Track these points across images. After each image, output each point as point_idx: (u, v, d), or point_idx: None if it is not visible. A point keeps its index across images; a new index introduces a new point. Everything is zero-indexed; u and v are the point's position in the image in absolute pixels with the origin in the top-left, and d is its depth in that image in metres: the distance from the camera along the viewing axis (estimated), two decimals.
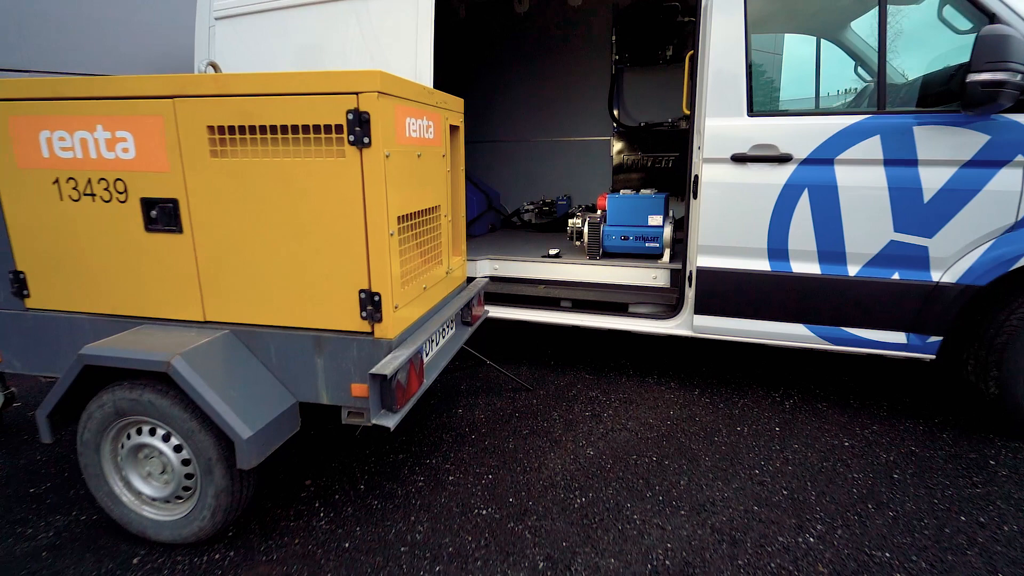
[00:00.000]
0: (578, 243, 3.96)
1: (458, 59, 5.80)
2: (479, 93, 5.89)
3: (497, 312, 3.59)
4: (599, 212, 3.92)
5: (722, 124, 2.86)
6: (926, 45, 2.73)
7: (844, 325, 2.82)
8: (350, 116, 1.82)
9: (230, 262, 2.04)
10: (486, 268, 3.94)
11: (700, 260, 3.00)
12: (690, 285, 3.11)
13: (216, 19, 3.84)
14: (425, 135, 2.25)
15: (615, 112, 5.30)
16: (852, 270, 2.76)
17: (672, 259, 3.64)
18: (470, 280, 3.86)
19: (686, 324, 3.18)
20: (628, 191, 3.89)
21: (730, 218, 2.90)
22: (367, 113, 1.81)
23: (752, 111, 2.82)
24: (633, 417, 3.00)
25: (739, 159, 2.83)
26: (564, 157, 5.75)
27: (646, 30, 5.01)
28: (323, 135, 1.87)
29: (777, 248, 2.85)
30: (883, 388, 3.30)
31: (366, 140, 1.83)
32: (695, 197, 3.02)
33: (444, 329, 2.55)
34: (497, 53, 5.78)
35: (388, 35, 3.36)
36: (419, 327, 2.26)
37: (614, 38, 5.14)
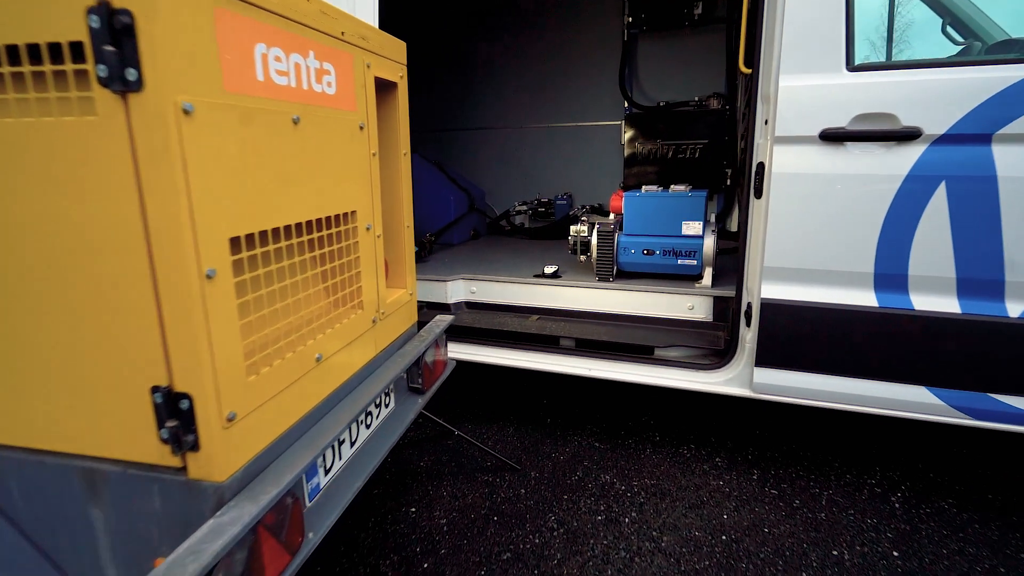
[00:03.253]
0: (583, 258, 2.98)
1: (436, 30, 4.81)
2: (461, 70, 4.91)
3: (473, 354, 2.60)
4: (612, 216, 2.94)
5: (806, 85, 1.88)
6: None
7: (995, 391, 1.84)
8: (94, 22, 0.83)
9: None
10: (461, 291, 2.95)
11: (766, 289, 2.01)
12: (748, 324, 2.13)
13: None
14: (314, 85, 1.25)
15: (628, 90, 4.28)
16: (1014, 309, 1.77)
17: (715, 282, 2.65)
18: (427, 307, 2.87)
19: (741, 379, 2.20)
20: (652, 188, 2.89)
21: (815, 227, 1.92)
22: (128, 14, 0.82)
23: (853, 63, 1.84)
24: (669, 525, 2.01)
25: (833, 137, 1.85)
26: (564, 146, 4.74)
27: None
28: (48, 67, 0.88)
29: (890, 273, 1.87)
30: (1021, 467, 2.31)
31: (130, 75, 0.84)
32: (758, 196, 2.04)
33: (368, 416, 1.56)
34: (482, 21, 4.78)
35: None
36: (303, 436, 1.26)
37: None
